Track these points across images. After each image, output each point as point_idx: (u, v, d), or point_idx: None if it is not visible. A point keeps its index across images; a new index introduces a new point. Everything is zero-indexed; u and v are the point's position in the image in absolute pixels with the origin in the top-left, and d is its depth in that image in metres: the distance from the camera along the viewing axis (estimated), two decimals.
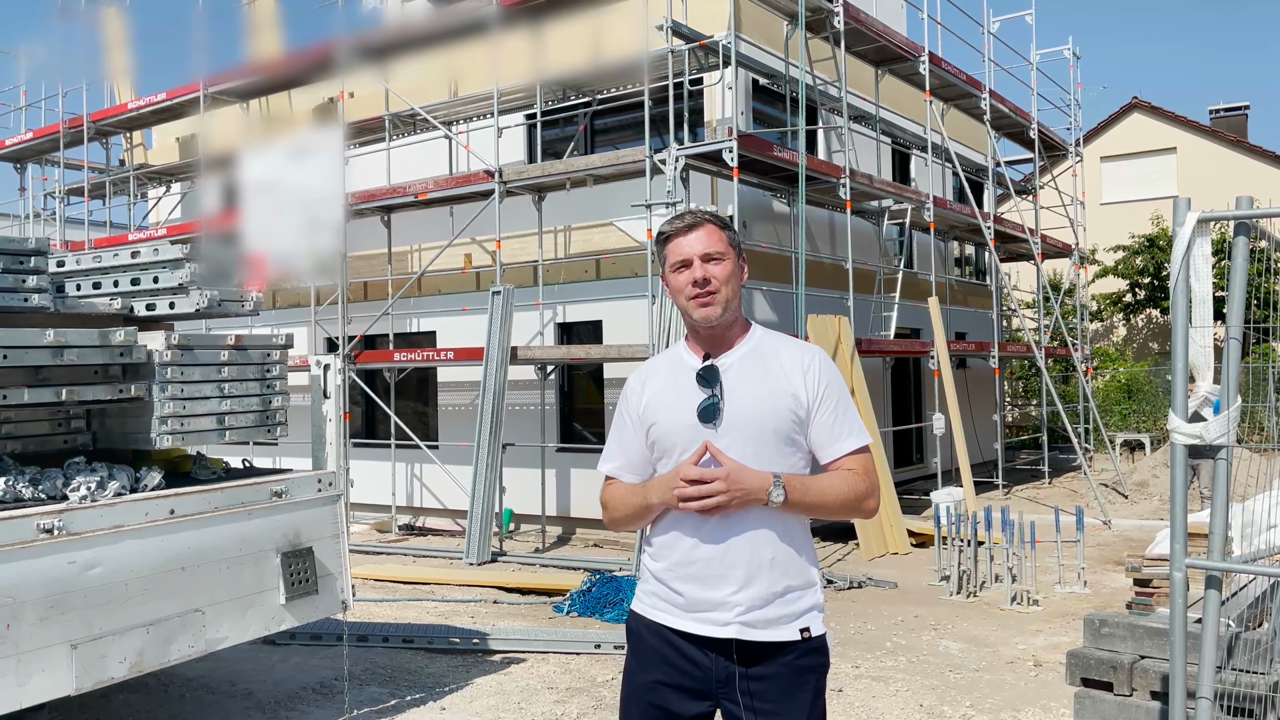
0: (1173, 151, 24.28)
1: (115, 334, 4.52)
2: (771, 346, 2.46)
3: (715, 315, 2.39)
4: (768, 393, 2.37)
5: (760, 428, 2.35)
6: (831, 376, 2.44)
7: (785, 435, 2.37)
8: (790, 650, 2.35)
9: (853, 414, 2.44)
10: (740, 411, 2.36)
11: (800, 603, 2.37)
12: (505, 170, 11.17)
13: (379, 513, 12.65)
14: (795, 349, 2.47)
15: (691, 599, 2.38)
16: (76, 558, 4.02)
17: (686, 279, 2.40)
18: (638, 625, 2.49)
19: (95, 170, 16.23)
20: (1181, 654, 3.22)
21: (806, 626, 2.37)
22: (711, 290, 2.38)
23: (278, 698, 5.60)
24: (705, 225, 2.43)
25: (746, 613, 2.33)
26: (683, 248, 2.42)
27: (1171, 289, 3.13)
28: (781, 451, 2.37)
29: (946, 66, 13.55)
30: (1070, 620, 7.28)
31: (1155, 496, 13.66)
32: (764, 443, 2.35)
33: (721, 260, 2.40)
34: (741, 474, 2.27)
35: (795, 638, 2.35)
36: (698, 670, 2.37)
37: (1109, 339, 24.53)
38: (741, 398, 2.37)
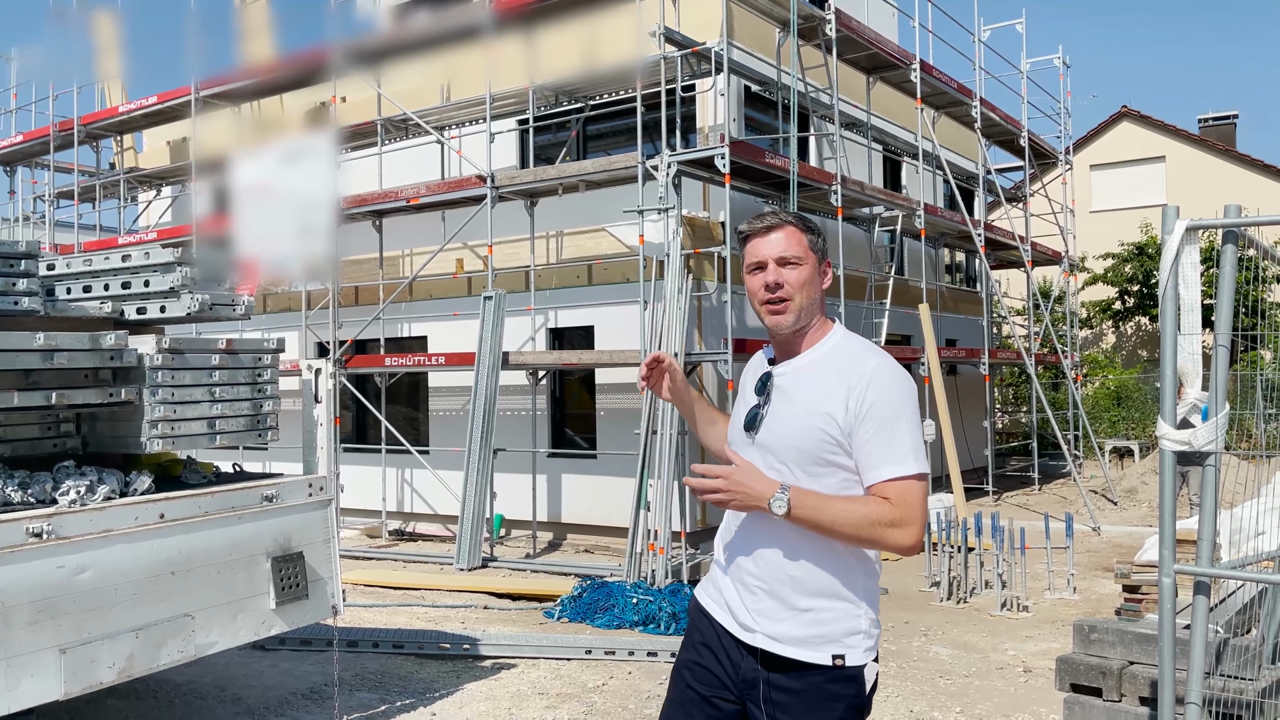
0: (1162, 160, 24.42)
1: (106, 338, 4.51)
2: (835, 358, 2.33)
3: (786, 324, 2.33)
4: (803, 410, 2.30)
5: (787, 445, 2.30)
6: (881, 397, 2.24)
7: (814, 455, 2.27)
8: (819, 672, 2.26)
9: (902, 439, 2.23)
10: (774, 425, 2.34)
11: (834, 626, 2.27)
12: (498, 175, 11.17)
13: (370, 518, 12.62)
14: (855, 364, 2.29)
15: (728, 596, 2.40)
16: (66, 562, 4.00)
17: (760, 282, 2.35)
18: (693, 606, 2.54)
19: (85, 173, 16.18)
20: (1170, 660, 3.24)
21: (841, 654, 2.26)
22: (784, 297, 2.32)
23: (267, 703, 5.58)
24: (785, 227, 2.35)
25: (758, 620, 2.32)
26: (760, 249, 2.35)
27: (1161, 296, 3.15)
28: (812, 471, 2.28)
29: (938, 74, 13.61)
30: (1060, 626, 7.30)
31: (1144, 503, 13.71)
32: (792, 460, 2.29)
33: (799, 265, 2.32)
34: (746, 476, 2.23)
35: (825, 662, 2.26)
36: (730, 665, 2.38)
37: (1098, 346, 24.63)
38: (779, 412, 2.34)
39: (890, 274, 14.03)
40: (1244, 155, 24.14)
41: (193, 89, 13.14)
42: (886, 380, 2.26)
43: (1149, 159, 24.55)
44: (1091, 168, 24.70)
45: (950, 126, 15.68)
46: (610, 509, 10.74)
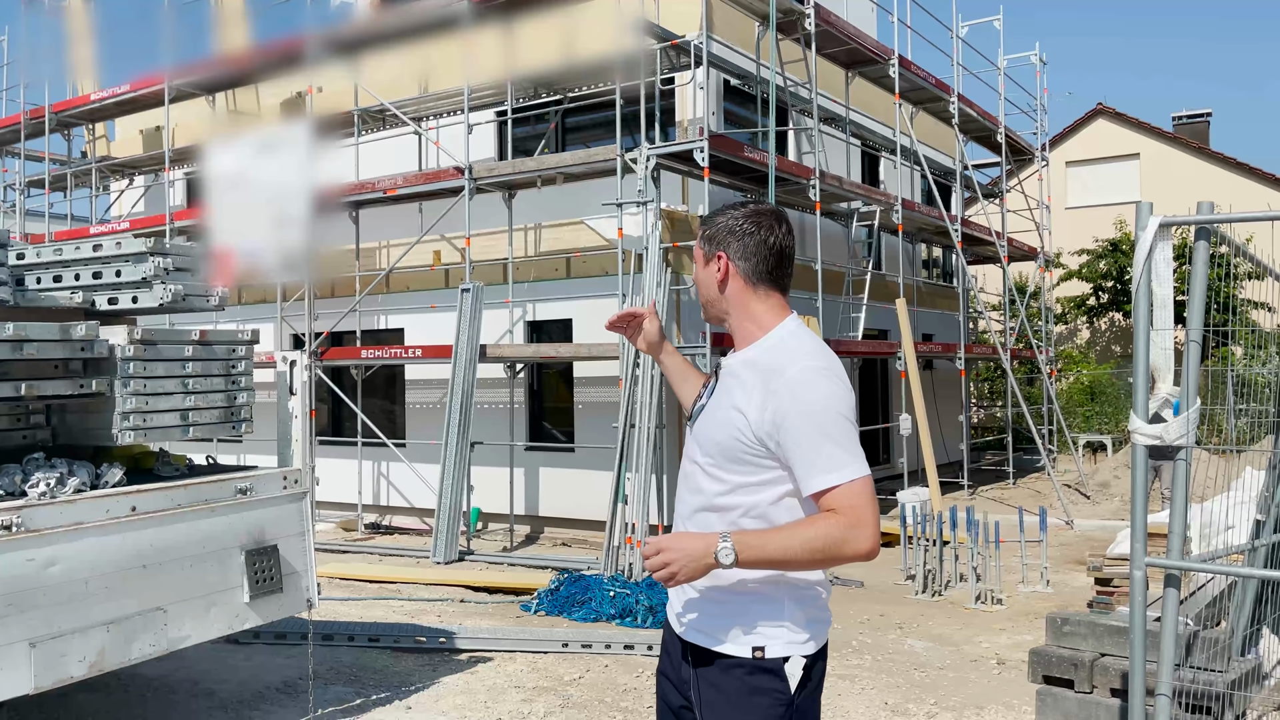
0: (1136, 157, 24.63)
1: (76, 328, 4.45)
2: (771, 358, 2.23)
3: (710, 320, 2.40)
4: (724, 407, 2.25)
5: (709, 438, 2.28)
6: (797, 407, 2.12)
7: (731, 453, 2.20)
8: (741, 666, 2.18)
9: (832, 444, 2.11)
10: (702, 420, 2.34)
11: (753, 617, 2.19)
12: (475, 167, 11.12)
13: (345, 511, 12.55)
14: (779, 367, 2.19)
15: (672, 595, 2.38)
16: (35, 555, 3.95)
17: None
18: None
19: (57, 162, 15.97)
20: (1141, 652, 3.28)
21: (761, 646, 2.17)
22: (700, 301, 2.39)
23: (241, 697, 5.54)
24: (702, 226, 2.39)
25: (686, 614, 2.29)
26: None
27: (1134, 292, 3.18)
28: (733, 469, 2.21)
29: (916, 70, 13.66)
30: (1033, 619, 7.37)
31: (1117, 497, 13.86)
32: (710, 454, 2.26)
33: (696, 264, 2.37)
34: (677, 541, 2.12)
35: (745, 654, 2.18)
36: (675, 663, 2.35)
37: (1073, 342, 24.84)
38: (711, 406, 2.33)
39: (868, 269, 14.09)
40: (1217, 153, 24.39)
41: (165, 78, 12.98)
42: (811, 386, 2.14)
43: (1124, 156, 24.75)
44: (1067, 164, 24.88)
45: (928, 122, 15.74)
46: (588, 502, 10.74)
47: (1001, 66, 16.84)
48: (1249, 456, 6.25)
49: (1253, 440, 5.71)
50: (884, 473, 15.17)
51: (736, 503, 2.22)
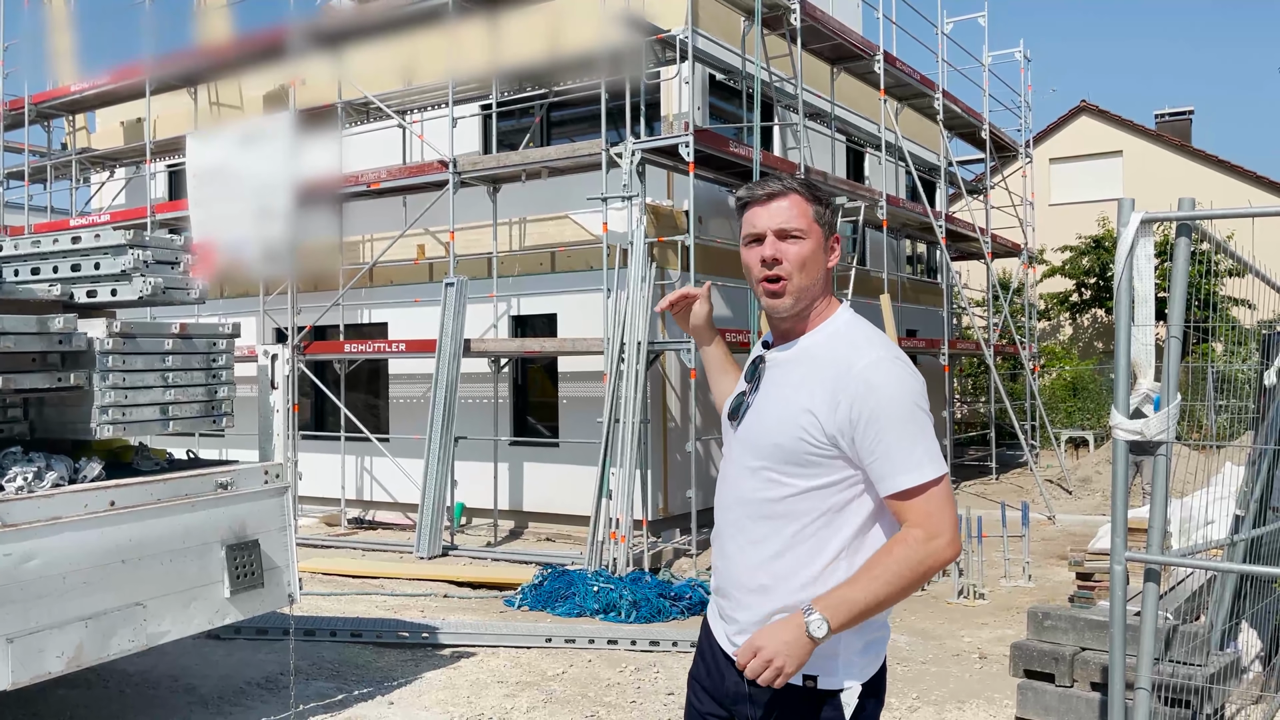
0: (1119, 154, 24.77)
1: (54, 321, 4.41)
2: (833, 347, 2.07)
3: (783, 307, 2.08)
4: (786, 404, 2.06)
5: (767, 441, 2.07)
6: (874, 402, 1.98)
7: (795, 454, 2.03)
8: (792, 692, 2.04)
9: (909, 443, 1.98)
10: (754, 419, 2.12)
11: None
12: (460, 161, 11.07)
13: (328, 506, 12.49)
14: (851, 358, 2.03)
15: (720, 605, 2.23)
16: (12, 549, 3.91)
17: (756, 257, 2.09)
18: (705, 616, 2.38)
19: (36, 154, 15.80)
20: (1121, 646, 3.29)
21: (814, 675, 2.01)
22: (781, 275, 2.05)
23: (222, 693, 5.51)
24: (789, 195, 2.07)
25: (739, 634, 2.13)
26: (758, 219, 2.08)
27: (1115, 288, 3.19)
28: (799, 472, 2.03)
29: (901, 66, 13.68)
30: (1015, 613, 7.41)
31: (1099, 492, 13.95)
32: (767, 458, 2.07)
33: (801, 239, 2.05)
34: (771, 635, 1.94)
35: (797, 681, 2.02)
36: (720, 676, 2.20)
37: (1056, 338, 24.98)
38: (764, 402, 2.11)
39: (852, 264, 14.11)
40: (1199, 150, 24.55)
41: (146, 69, 12.86)
42: (887, 377, 2.00)
43: (1107, 153, 24.89)
44: (1051, 161, 25.00)
45: (913, 118, 15.78)
46: (572, 497, 10.72)
47: (986, 63, 16.90)
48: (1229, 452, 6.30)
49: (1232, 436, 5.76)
50: None
51: (806, 508, 2.04)
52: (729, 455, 2.20)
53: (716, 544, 2.24)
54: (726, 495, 2.19)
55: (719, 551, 2.23)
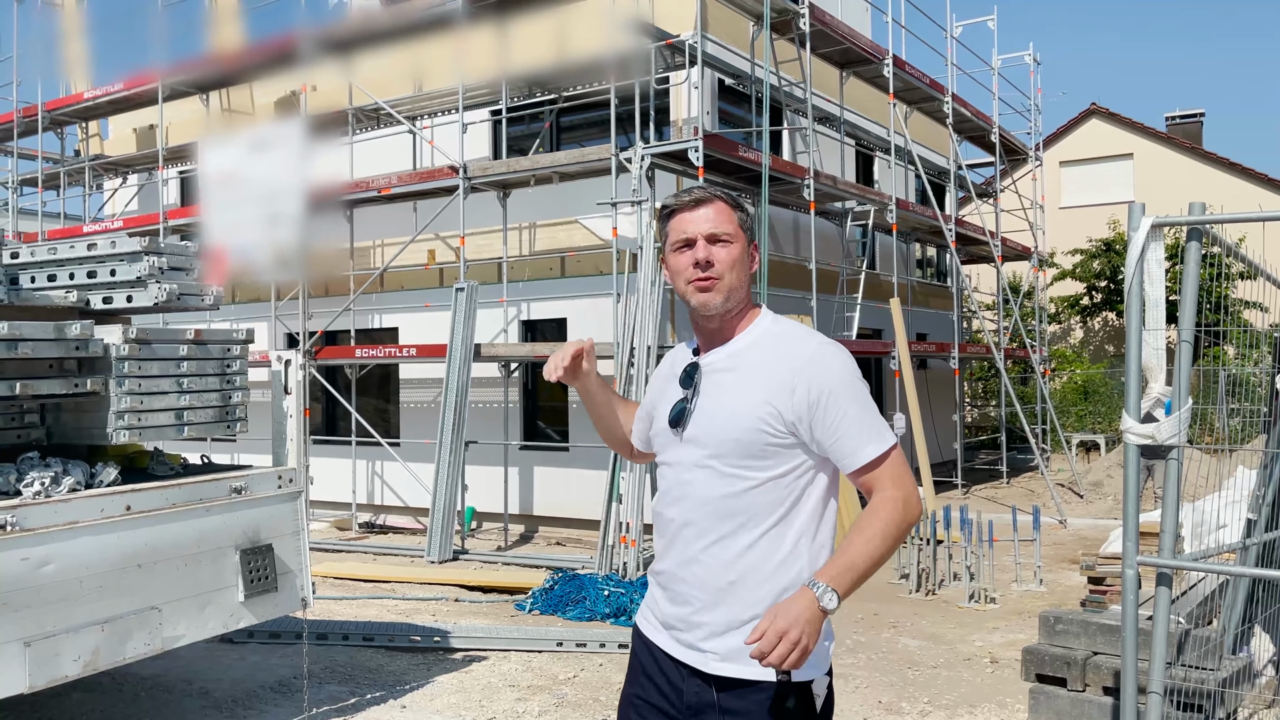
0: (1129, 157, 24.71)
1: (71, 327, 4.44)
2: (771, 343, 2.18)
3: (715, 304, 2.15)
4: (741, 400, 2.12)
5: (724, 438, 2.12)
6: (830, 381, 2.10)
7: (755, 447, 2.10)
8: (763, 690, 2.07)
9: (869, 415, 2.13)
10: (704, 420, 2.16)
11: None
12: (470, 166, 11.12)
13: (339, 510, 12.54)
14: (793, 349, 2.16)
15: (665, 614, 2.21)
16: (30, 554, 3.95)
17: (687, 260, 2.16)
18: (634, 633, 2.34)
19: (50, 160, 15.91)
20: (1133, 650, 3.29)
21: (787, 669, 2.01)
22: (714, 276, 2.13)
23: (235, 696, 5.54)
24: (715, 202, 2.18)
25: (707, 639, 2.13)
26: (687, 225, 2.17)
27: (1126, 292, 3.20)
28: (747, 464, 2.11)
29: (910, 70, 13.68)
30: (1026, 618, 7.39)
31: (1110, 496, 13.90)
32: (729, 453, 2.12)
33: (729, 243, 2.16)
34: (785, 612, 1.93)
35: (769, 678, 2.07)
36: (673, 691, 2.18)
37: (1066, 341, 24.91)
38: (709, 404, 2.16)
39: (862, 268, 14.11)
40: (1210, 153, 24.47)
41: (159, 76, 12.95)
42: (834, 358, 2.14)
43: (1117, 156, 24.83)
44: (1061, 164, 24.95)
45: (922, 122, 15.77)
46: (582, 501, 10.74)
47: (995, 66, 16.88)
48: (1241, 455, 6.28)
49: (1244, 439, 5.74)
50: None
51: (767, 500, 2.11)
52: (676, 462, 2.22)
53: (671, 553, 2.20)
54: (682, 501, 2.20)
55: (676, 559, 2.19)
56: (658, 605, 2.25)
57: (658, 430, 2.28)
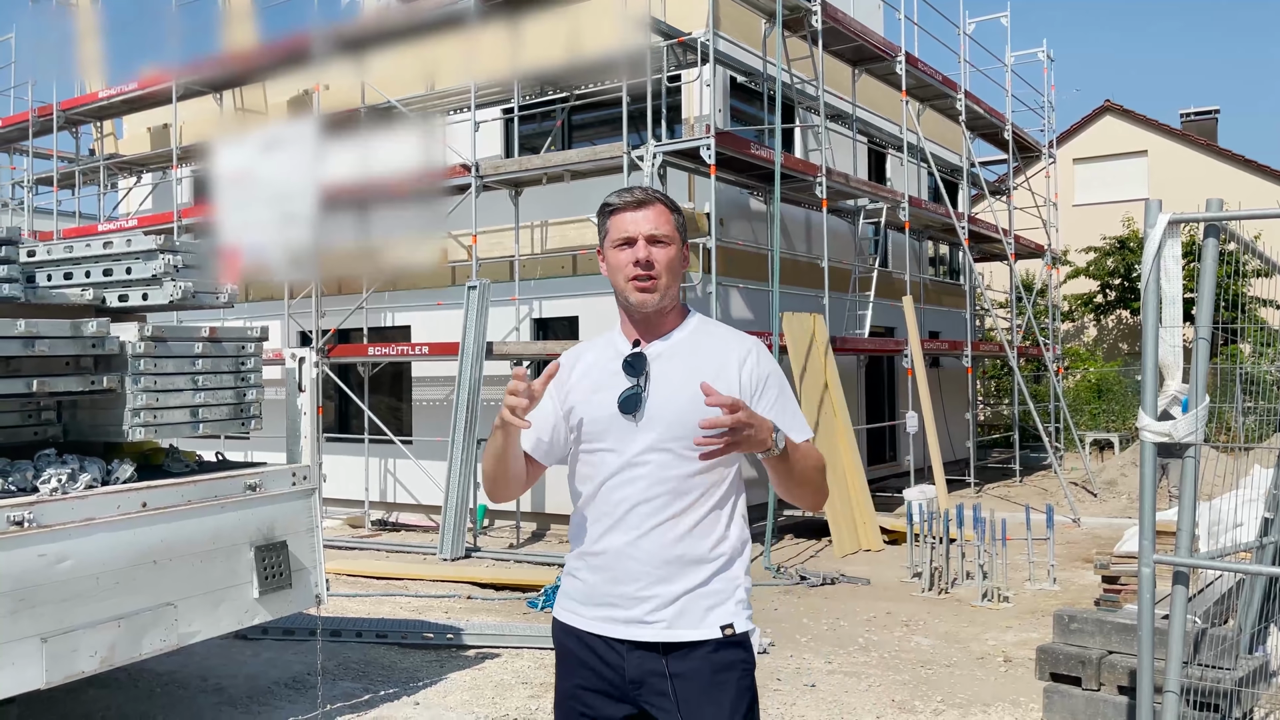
0: (1144, 154, 24.57)
1: (87, 325, 4.47)
2: (707, 336, 2.33)
3: (653, 302, 2.27)
4: (691, 387, 2.18)
5: (678, 425, 2.20)
6: (772, 368, 2.32)
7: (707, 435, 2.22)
8: (706, 646, 2.22)
9: (796, 406, 2.35)
10: (664, 403, 2.23)
11: (721, 596, 2.24)
12: (482, 165, 11.13)
13: (352, 508, 12.58)
14: (733, 340, 2.34)
15: (602, 593, 2.28)
16: (47, 550, 3.98)
17: (628, 258, 2.26)
18: (557, 630, 2.40)
19: (65, 159, 16.01)
20: (1149, 649, 3.28)
21: (729, 623, 2.23)
22: (653, 275, 2.25)
23: (250, 693, 5.57)
24: (655, 205, 2.28)
25: (656, 610, 2.22)
26: (628, 224, 2.27)
27: (1143, 289, 3.18)
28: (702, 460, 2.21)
29: (923, 67, 13.64)
30: (1040, 617, 7.36)
31: (1124, 495, 13.84)
32: (683, 438, 2.19)
33: (667, 245, 2.27)
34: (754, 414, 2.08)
35: (714, 635, 2.22)
36: (611, 672, 2.26)
37: (1080, 339, 24.80)
38: (666, 389, 2.24)
39: (874, 266, 14.07)
40: (1225, 150, 24.32)
41: (173, 76, 13.01)
42: (765, 353, 2.35)
43: (1131, 153, 24.70)
44: (1074, 161, 24.83)
45: (935, 119, 15.72)
46: None
47: (1009, 63, 16.81)
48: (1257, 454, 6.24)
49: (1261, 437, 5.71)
50: (890, 470, 15.16)
51: (713, 479, 2.26)
52: (625, 446, 2.26)
53: (615, 533, 2.26)
54: (635, 482, 2.25)
55: (624, 538, 2.25)
56: (589, 590, 2.31)
57: (596, 419, 2.29)
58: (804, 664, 6.24)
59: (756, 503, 11.14)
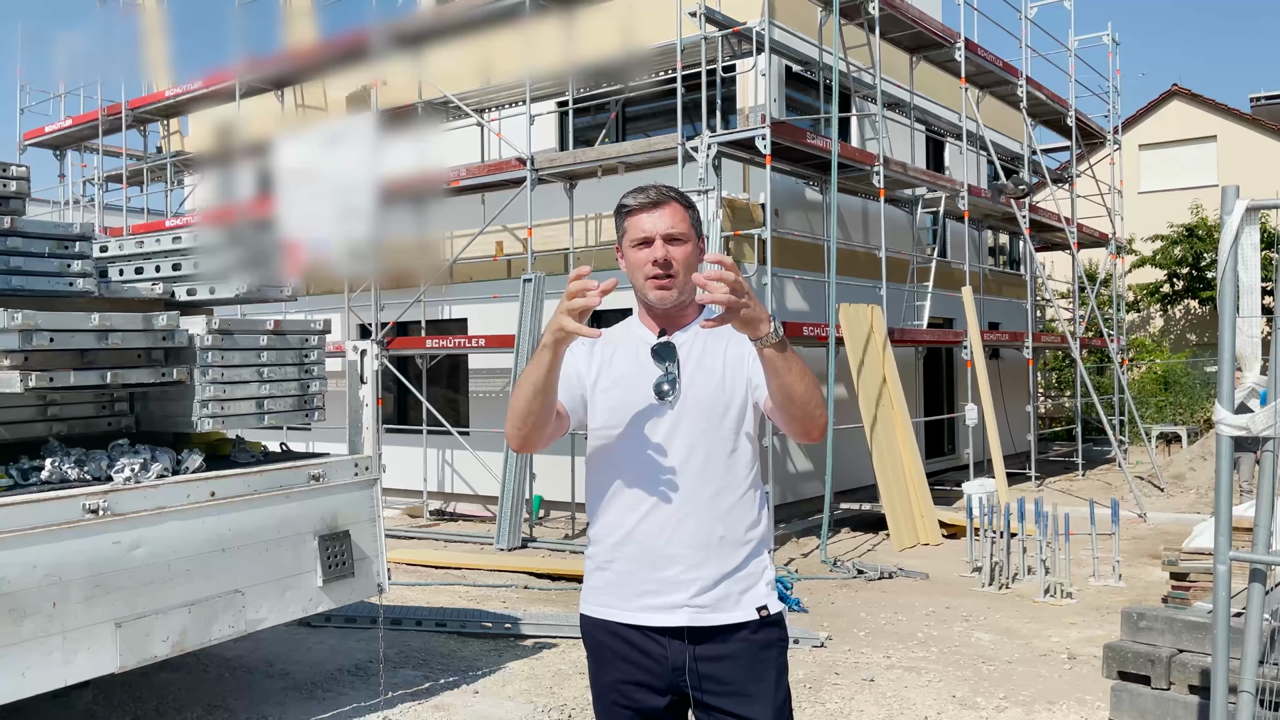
0: (1213, 140, 23.87)
1: (158, 318, 4.58)
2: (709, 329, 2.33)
3: (672, 298, 2.32)
4: (724, 369, 2.31)
5: (713, 408, 2.29)
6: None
7: (743, 408, 2.31)
8: (744, 628, 2.29)
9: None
10: (697, 390, 2.29)
11: (753, 579, 2.31)
12: (537, 158, 11.18)
13: (411, 498, 12.76)
14: (723, 332, 2.34)
15: (634, 581, 2.30)
16: (121, 538, 4.09)
17: (646, 257, 2.31)
18: (589, 626, 2.41)
19: (133, 157, 16.43)
20: (1224, 648, 3.19)
21: (764, 605, 2.31)
22: (671, 274, 2.30)
23: (315, 679, 5.68)
24: (670, 204, 2.33)
25: (697, 595, 2.26)
26: (644, 224, 2.32)
27: (1219, 278, 3.09)
28: (736, 441, 2.31)
29: (983, 53, 13.39)
30: (1105, 613, 7.22)
31: (1192, 490, 13.49)
32: (718, 423, 2.29)
33: (683, 243, 2.31)
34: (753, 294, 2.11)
35: (752, 617, 2.29)
36: (652, 662, 2.29)
37: (1146, 330, 24.21)
38: (699, 374, 2.30)
39: (932, 256, 13.87)
40: None
41: (237, 73, 13.27)
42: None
43: (1199, 139, 24.01)
44: (1140, 147, 24.21)
45: (995, 106, 15.43)
46: None
47: (1072, 48, 16.42)
48: None
49: None
50: (949, 463, 14.95)
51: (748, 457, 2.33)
52: (658, 433, 2.29)
53: (651, 519, 2.28)
54: (669, 468, 2.28)
55: (662, 523, 2.28)
56: (623, 580, 2.32)
57: (624, 403, 2.31)
58: (862, 658, 6.19)
59: (813, 495, 11.06)
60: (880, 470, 10.26)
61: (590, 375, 2.37)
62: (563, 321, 2.08)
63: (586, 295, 2.06)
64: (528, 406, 2.24)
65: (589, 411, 2.37)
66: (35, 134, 16.75)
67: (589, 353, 2.38)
